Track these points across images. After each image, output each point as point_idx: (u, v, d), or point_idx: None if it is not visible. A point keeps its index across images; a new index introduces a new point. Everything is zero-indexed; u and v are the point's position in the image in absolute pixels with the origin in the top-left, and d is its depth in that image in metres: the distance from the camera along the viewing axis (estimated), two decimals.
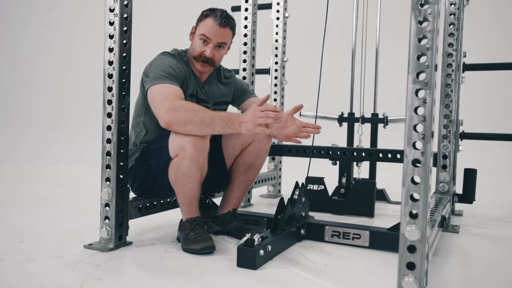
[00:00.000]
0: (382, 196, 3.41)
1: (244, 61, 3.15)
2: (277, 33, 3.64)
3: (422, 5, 1.31)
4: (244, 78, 3.14)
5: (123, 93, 2.01)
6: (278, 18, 3.63)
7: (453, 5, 2.67)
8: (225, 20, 2.12)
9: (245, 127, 1.86)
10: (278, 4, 3.63)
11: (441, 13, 1.53)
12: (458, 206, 3.10)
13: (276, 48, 3.64)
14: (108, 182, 2.00)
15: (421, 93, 1.31)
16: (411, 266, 1.34)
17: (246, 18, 3.16)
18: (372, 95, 3.45)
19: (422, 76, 1.31)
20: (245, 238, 1.81)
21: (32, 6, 7.48)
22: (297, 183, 2.17)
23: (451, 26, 2.67)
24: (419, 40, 1.31)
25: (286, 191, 3.58)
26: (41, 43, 7.43)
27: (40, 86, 7.40)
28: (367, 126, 3.38)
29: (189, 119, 1.86)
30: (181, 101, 1.93)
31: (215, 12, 2.13)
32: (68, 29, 7.42)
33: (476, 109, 5.98)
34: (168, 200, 2.36)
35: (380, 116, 3.32)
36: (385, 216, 2.90)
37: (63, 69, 7.40)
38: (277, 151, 3.38)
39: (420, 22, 1.31)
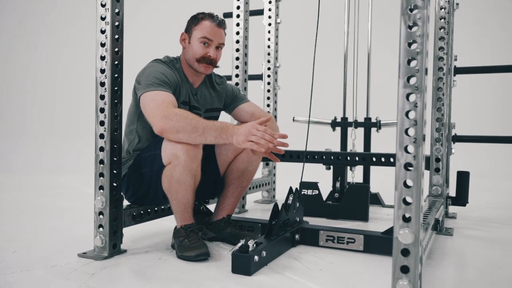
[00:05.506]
0: (376, 200, 3.43)
1: (237, 67, 3.16)
2: (269, 39, 3.66)
3: (411, 10, 1.32)
4: (236, 84, 3.14)
5: (116, 101, 2.01)
6: (270, 24, 3.65)
7: (443, 9, 2.70)
8: (221, 21, 2.19)
9: (236, 139, 1.87)
10: (270, 10, 3.65)
11: (431, 18, 1.54)
12: (452, 209, 3.12)
13: (269, 54, 3.65)
14: (101, 190, 1.99)
15: (412, 97, 1.32)
16: (405, 269, 1.34)
17: (238, 25, 3.17)
18: (365, 100, 3.47)
19: (412, 80, 1.32)
20: (239, 244, 1.81)
21: (23, 15, 7.46)
22: (291, 188, 2.17)
23: (442, 30, 2.69)
24: (409, 44, 1.33)
25: (281, 197, 3.58)
26: (33, 52, 7.41)
27: (32, 94, 7.37)
28: (360, 131, 3.39)
29: (181, 127, 1.86)
30: (175, 108, 1.93)
31: (209, 14, 2.18)
32: (59, 37, 7.40)
33: (468, 112, 6.02)
34: (162, 207, 2.36)
35: (373, 120, 3.33)
36: (379, 220, 2.91)
37: (55, 78, 7.38)
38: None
39: (410, 27, 1.33)
